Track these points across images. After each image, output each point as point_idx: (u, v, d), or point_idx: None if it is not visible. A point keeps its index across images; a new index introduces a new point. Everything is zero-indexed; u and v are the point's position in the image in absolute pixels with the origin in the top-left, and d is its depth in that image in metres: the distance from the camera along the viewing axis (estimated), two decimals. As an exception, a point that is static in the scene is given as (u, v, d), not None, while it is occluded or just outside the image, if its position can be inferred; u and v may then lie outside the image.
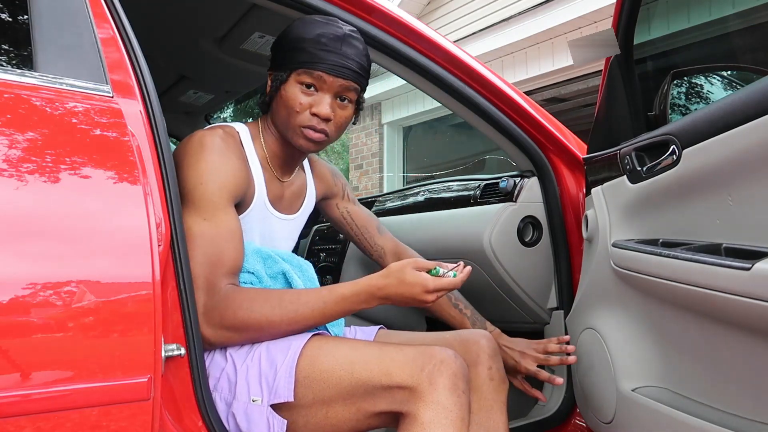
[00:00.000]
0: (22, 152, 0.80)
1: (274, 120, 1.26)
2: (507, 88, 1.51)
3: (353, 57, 1.21)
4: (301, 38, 1.19)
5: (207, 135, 1.17)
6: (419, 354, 1.05)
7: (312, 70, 1.18)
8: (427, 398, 1.01)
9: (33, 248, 0.76)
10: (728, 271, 0.80)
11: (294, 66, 1.19)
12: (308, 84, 1.19)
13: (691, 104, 1.38)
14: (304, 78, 1.19)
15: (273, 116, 1.26)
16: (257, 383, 1.07)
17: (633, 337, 1.16)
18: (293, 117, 1.21)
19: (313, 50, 1.18)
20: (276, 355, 1.09)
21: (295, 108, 1.20)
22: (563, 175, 1.56)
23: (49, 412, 0.75)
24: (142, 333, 0.79)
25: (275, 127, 1.27)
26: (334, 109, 1.21)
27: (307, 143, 1.22)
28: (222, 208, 1.12)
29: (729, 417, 0.91)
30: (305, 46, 1.19)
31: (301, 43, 1.19)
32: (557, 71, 5.33)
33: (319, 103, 1.19)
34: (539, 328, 1.65)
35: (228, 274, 1.10)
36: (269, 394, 1.06)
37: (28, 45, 0.90)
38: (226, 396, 1.09)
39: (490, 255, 1.56)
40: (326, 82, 1.19)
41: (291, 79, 1.20)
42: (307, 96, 1.20)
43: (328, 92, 1.20)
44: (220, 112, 2.99)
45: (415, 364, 1.03)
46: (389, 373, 1.04)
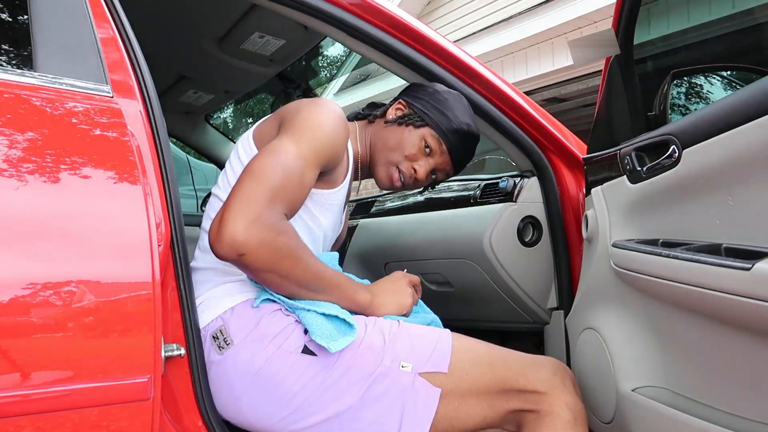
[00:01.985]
0: (22, 152, 0.80)
1: (377, 139, 1.33)
2: (507, 88, 1.51)
3: (468, 155, 1.38)
4: (453, 112, 1.32)
5: (334, 102, 1.21)
6: (549, 360, 1.17)
7: (443, 143, 1.31)
8: (561, 399, 1.09)
9: (33, 248, 0.76)
10: (728, 271, 0.80)
11: (433, 125, 1.31)
12: (429, 146, 1.31)
13: (691, 104, 1.38)
14: (431, 140, 1.31)
15: (378, 136, 1.33)
16: (409, 351, 1.08)
17: (633, 337, 1.16)
18: (398, 156, 1.30)
19: (456, 129, 1.31)
20: (423, 330, 1.13)
21: (405, 152, 1.30)
22: (563, 175, 1.56)
23: (49, 412, 0.75)
24: (142, 333, 0.79)
25: (371, 144, 1.34)
26: (426, 177, 1.33)
27: (386, 180, 1.32)
28: (317, 162, 1.10)
29: (729, 417, 0.91)
30: (453, 121, 1.31)
31: (450, 115, 1.31)
32: (557, 71, 5.33)
33: (423, 165, 1.31)
34: (539, 328, 1.65)
35: (290, 207, 1.04)
36: (422, 363, 1.07)
37: (28, 45, 0.90)
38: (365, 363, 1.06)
39: (490, 255, 1.56)
40: (441, 156, 1.33)
41: (422, 130, 1.31)
42: (421, 153, 1.31)
43: (434, 161, 1.32)
44: (220, 112, 2.99)
45: (547, 368, 1.13)
46: (526, 374, 1.10)
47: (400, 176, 1.31)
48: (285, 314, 1.09)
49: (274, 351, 1.04)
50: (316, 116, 1.12)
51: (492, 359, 1.11)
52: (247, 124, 4.13)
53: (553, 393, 1.10)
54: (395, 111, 1.35)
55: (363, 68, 6.28)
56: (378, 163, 1.32)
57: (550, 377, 1.11)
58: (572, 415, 1.09)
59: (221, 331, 1.06)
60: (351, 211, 2.39)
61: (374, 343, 1.07)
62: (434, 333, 1.13)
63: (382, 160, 1.31)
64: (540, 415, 1.09)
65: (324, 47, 2.58)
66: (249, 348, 1.05)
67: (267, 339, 1.05)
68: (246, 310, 1.08)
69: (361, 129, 1.36)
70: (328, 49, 2.81)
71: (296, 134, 1.08)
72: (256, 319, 1.07)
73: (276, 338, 1.05)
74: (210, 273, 1.15)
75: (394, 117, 1.33)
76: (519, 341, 1.89)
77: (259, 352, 1.04)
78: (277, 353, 1.04)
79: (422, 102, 1.33)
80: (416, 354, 1.07)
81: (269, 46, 1.99)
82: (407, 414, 1.03)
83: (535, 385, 1.10)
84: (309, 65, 2.47)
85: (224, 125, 3.33)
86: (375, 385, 1.04)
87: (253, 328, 1.06)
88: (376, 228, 2.07)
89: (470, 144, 1.35)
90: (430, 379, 1.06)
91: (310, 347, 1.05)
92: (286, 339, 1.05)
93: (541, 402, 1.09)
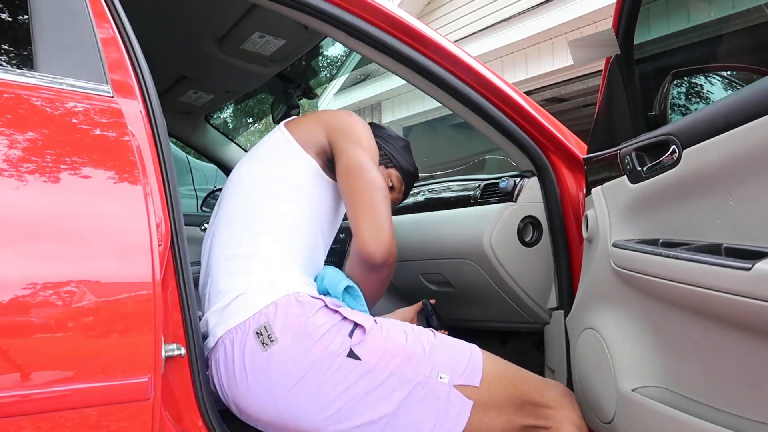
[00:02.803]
0: (22, 152, 0.80)
1: None
2: (507, 88, 1.51)
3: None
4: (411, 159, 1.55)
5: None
6: (557, 383, 1.28)
7: (403, 183, 1.52)
8: (569, 418, 1.19)
9: (33, 248, 0.76)
10: (728, 271, 0.80)
11: (400, 168, 1.50)
12: (393, 185, 1.49)
13: (691, 104, 1.38)
14: (396, 181, 1.49)
15: None
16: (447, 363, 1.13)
17: (633, 337, 1.16)
18: None
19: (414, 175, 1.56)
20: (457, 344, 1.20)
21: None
22: (563, 175, 1.56)
23: (49, 412, 0.75)
24: (142, 333, 0.79)
25: None
26: None
27: None
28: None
29: (729, 417, 0.91)
30: (412, 167, 1.55)
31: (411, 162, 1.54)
32: (557, 71, 5.33)
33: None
34: (539, 328, 1.65)
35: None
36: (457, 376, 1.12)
37: (28, 45, 0.90)
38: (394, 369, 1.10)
39: (490, 255, 1.56)
40: (398, 194, 1.52)
41: (389, 170, 1.49)
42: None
43: (392, 197, 1.47)
44: (220, 112, 2.99)
45: (557, 389, 1.24)
46: (542, 391, 1.20)
47: None
48: (331, 311, 1.11)
49: (321, 353, 1.06)
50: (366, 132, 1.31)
51: (514, 374, 1.19)
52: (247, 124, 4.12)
53: (563, 411, 1.19)
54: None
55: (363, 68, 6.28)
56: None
57: (560, 396, 1.22)
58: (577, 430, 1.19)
59: (266, 327, 1.07)
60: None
61: (415, 351, 1.11)
62: (466, 346, 1.20)
63: None
64: (549, 430, 1.17)
65: (324, 47, 2.58)
66: (296, 347, 1.06)
67: (313, 339, 1.06)
68: (290, 306, 1.09)
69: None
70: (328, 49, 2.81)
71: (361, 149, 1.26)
72: (303, 317, 1.08)
73: (323, 338, 1.07)
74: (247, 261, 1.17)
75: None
76: (519, 341, 1.89)
77: (306, 352, 1.06)
78: (324, 355, 1.06)
79: (390, 145, 1.49)
80: (453, 366, 1.12)
81: (269, 46, 1.99)
82: (440, 423, 1.08)
83: (548, 402, 1.19)
84: (309, 65, 2.47)
85: (224, 125, 3.33)
86: (414, 393, 1.07)
87: (299, 326, 1.07)
88: (376, 228, 2.06)
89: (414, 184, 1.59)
90: (463, 391, 1.11)
91: (355, 351, 1.07)
92: (333, 340, 1.07)
93: (552, 418, 1.18)
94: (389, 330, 1.13)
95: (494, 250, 1.56)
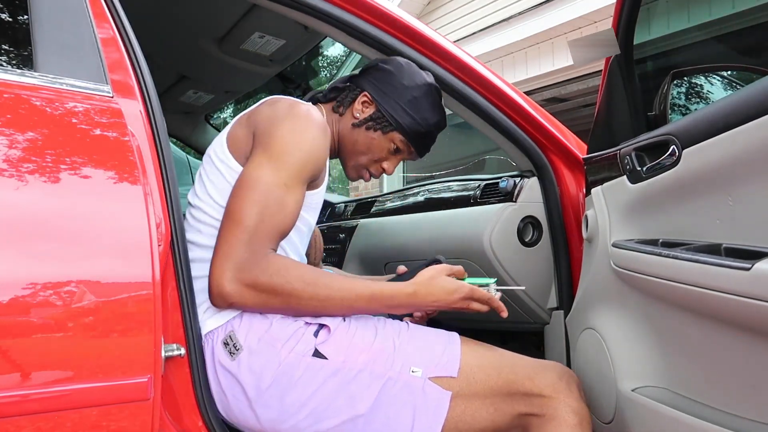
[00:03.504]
0: (22, 152, 0.80)
1: (347, 137, 1.30)
2: (507, 88, 1.51)
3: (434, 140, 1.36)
4: (421, 113, 1.29)
5: (312, 109, 1.16)
6: (555, 365, 1.18)
7: (412, 146, 1.32)
8: (566, 404, 1.10)
9: (33, 248, 0.76)
10: (728, 271, 0.80)
11: (402, 130, 1.28)
12: (398, 148, 1.31)
13: (691, 104, 1.38)
14: (400, 144, 1.30)
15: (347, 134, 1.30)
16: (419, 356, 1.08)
17: (633, 337, 1.16)
18: (367, 159, 1.31)
19: (424, 132, 1.30)
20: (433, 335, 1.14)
21: (374, 157, 1.31)
22: (563, 175, 1.56)
23: (49, 412, 0.75)
24: (142, 333, 0.79)
25: (339, 138, 1.31)
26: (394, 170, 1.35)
27: (355, 177, 1.35)
28: (301, 182, 1.10)
29: (729, 417, 0.91)
30: (421, 124, 1.29)
31: (419, 118, 1.28)
32: (557, 71, 5.33)
33: (392, 165, 1.33)
34: (539, 328, 1.65)
35: (275, 238, 1.06)
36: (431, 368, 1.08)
37: (28, 45, 0.90)
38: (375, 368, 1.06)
39: (490, 255, 1.56)
40: (408, 153, 1.33)
41: (390, 135, 1.29)
42: (389, 154, 1.32)
43: (401, 157, 1.33)
44: (220, 112, 2.99)
45: (553, 372, 1.14)
46: (532, 378, 1.11)
47: (370, 176, 1.35)
48: (293, 319, 1.08)
49: (286, 355, 1.04)
50: (294, 136, 1.09)
51: (499, 363, 1.12)
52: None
53: (559, 397, 1.10)
54: (362, 109, 1.29)
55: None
56: (348, 164, 1.34)
57: (555, 381, 1.12)
58: (578, 419, 1.10)
59: (231, 337, 1.06)
60: (351, 211, 2.39)
61: (385, 347, 1.08)
62: (443, 336, 1.14)
63: (351, 162, 1.33)
64: (545, 419, 1.10)
65: (324, 47, 2.58)
66: (262, 353, 1.04)
67: (279, 342, 1.05)
68: (255, 315, 1.08)
69: (328, 114, 1.31)
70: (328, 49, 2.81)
71: (274, 160, 1.07)
72: (266, 324, 1.06)
73: (288, 341, 1.05)
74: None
75: (361, 118, 1.28)
76: (519, 341, 1.89)
77: (272, 356, 1.04)
78: (290, 357, 1.04)
79: (390, 102, 1.27)
80: (426, 358, 1.08)
81: (269, 46, 1.99)
82: (418, 418, 1.04)
83: (541, 389, 1.10)
84: (309, 65, 2.47)
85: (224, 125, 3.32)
86: (387, 390, 1.05)
87: (264, 332, 1.06)
88: (376, 228, 2.07)
89: (436, 135, 1.35)
90: (440, 383, 1.07)
91: (320, 350, 1.05)
92: (298, 342, 1.05)
93: (546, 406, 1.10)
94: (357, 327, 1.10)
95: (494, 250, 1.56)
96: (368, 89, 1.29)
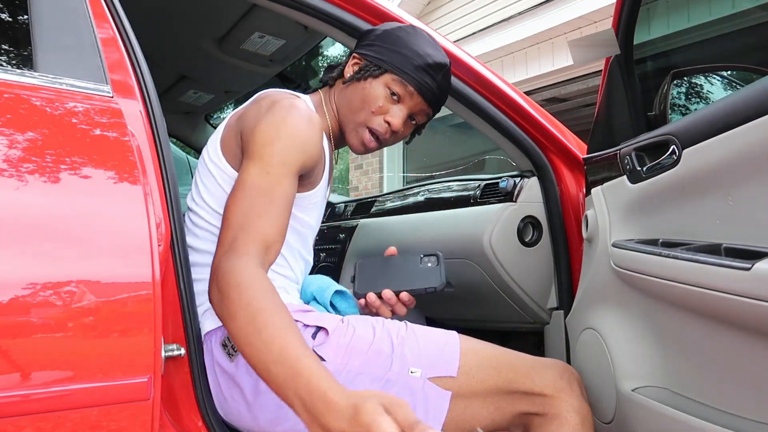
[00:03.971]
0: (22, 152, 0.80)
1: (341, 103, 1.23)
2: (507, 88, 1.51)
3: (444, 87, 1.25)
4: (409, 47, 1.20)
5: (297, 101, 1.11)
6: (556, 363, 1.16)
7: (407, 83, 1.20)
8: (568, 403, 1.09)
9: (33, 248, 0.76)
10: (728, 271, 0.80)
11: (391, 69, 1.20)
12: (395, 92, 1.20)
13: (691, 104, 1.38)
14: (395, 86, 1.20)
15: (341, 99, 1.24)
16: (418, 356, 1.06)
17: (633, 337, 1.16)
18: (365, 114, 1.20)
19: (417, 65, 1.20)
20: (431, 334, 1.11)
21: (372, 108, 1.20)
22: (563, 175, 1.56)
23: (49, 412, 0.74)
24: (142, 333, 0.79)
25: (338, 110, 1.24)
26: (404, 125, 1.24)
27: (358, 145, 1.23)
28: (287, 171, 1.02)
29: (729, 417, 0.91)
30: (412, 56, 1.20)
31: (407, 51, 1.20)
32: (557, 71, 5.33)
33: (396, 115, 1.21)
34: (539, 328, 1.65)
35: (258, 241, 0.94)
36: (430, 368, 1.05)
37: (28, 45, 0.90)
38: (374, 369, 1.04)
39: (490, 255, 1.56)
40: (412, 98, 1.21)
41: (382, 78, 1.20)
42: (389, 103, 1.21)
43: (407, 107, 1.22)
44: (220, 112, 3.00)
45: (554, 371, 1.12)
46: (532, 377, 1.10)
47: (372, 136, 1.22)
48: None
49: None
50: (272, 129, 1.03)
51: (498, 361, 1.10)
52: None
53: (560, 396, 1.09)
54: (352, 67, 1.24)
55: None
56: (347, 129, 1.23)
57: (556, 380, 1.11)
58: (579, 418, 1.09)
59: (229, 339, 1.05)
60: (351, 211, 2.39)
61: (383, 348, 1.07)
62: (442, 336, 1.12)
63: (350, 124, 1.22)
64: (547, 418, 1.09)
65: (324, 47, 2.58)
66: None
67: None
68: None
69: (326, 97, 1.27)
70: (328, 49, 2.81)
71: (257, 157, 1.01)
72: None
73: None
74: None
75: (351, 74, 1.23)
76: (519, 341, 1.89)
77: None
78: None
79: (375, 48, 1.22)
80: (425, 358, 1.07)
81: (269, 46, 1.99)
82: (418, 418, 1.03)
83: (542, 388, 1.09)
84: (309, 65, 2.47)
85: (224, 125, 3.32)
86: (386, 391, 1.03)
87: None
88: (376, 228, 2.07)
89: (439, 75, 1.22)
90: (439, 383, 1.06)
91: (318, 352, 1.04)
92: None
93: (548, 405, 1.09)
94: (356, 328, 1.08)
95: (494, 250, 1.56)
96: (356, 50, 1.26)
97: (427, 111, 1.25)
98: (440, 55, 1.23)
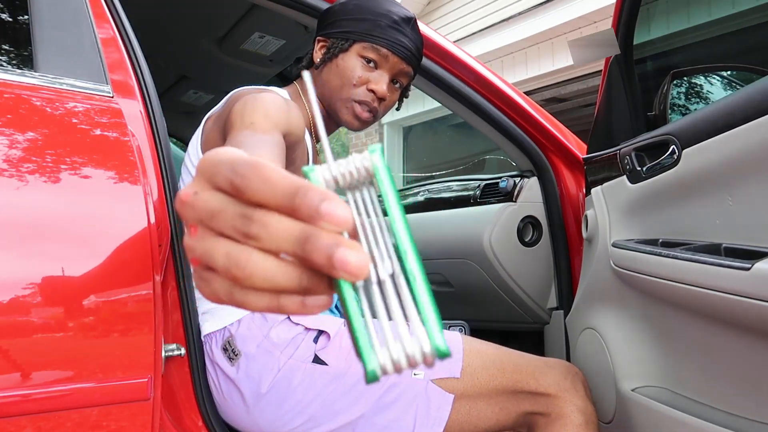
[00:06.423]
0: (22, 152, 0.80)
1: (322, 88, 1.20)
2: (507, 88, 1.51)
3: (416, 41, 1.19)
4: (370, 10, 1.15)
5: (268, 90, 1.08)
6: (560, 363, 1.16)
7: (379, 46, 1.15)
8: (572, 403, 1.09)
9: (33, 248, 0.76)
10: (728, 271, 0.80)
11: (359, 37, 1.15)
12: (370, 59, 1.16)
13: (691, 104, 1.38)
14: (368, 53, 1.15)
15: (320, 85, 1.20)
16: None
17: (633, 337, 1.16)
18: (348, 89, 1.16)
19: (383, 25, 1.14)
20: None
21: (353, 81, 1.16)
22: (563, 175, 1.56)
23: (49, 412, 0.75)
24: (142, 333, 0.79)
25: (320, 97, 1.21)
26: (389, 89, 1.19)
27: (353, 120, 1.19)
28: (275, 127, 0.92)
29: (729, 417, 0.91)
30: (376, 19, 1.15)
31: (370, 15, 1.15)
32: (557, 71, 5.33)
33: (378, 81, 1.17)
34: (539, 328, 1.65)
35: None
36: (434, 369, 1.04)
37: (28, 45, 0.90)
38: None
39: (490, 255, 1.56)
40: (389, 61, 1.16)
41: (352, 50, 1.16)
42: (367, 71, 1.16)
43: (387, 71, 1.18)
44: (220, 112, 3.00)
45: (557, 371, 1.12)
46: (536, 377, 1.10)
47: (365, 105, 1.17)
48: (293, 323, 1.08)
49: (285, 361, 1.04)
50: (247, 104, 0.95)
51: (502, 362, 1.10)
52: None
53: (564, 396, 1.09)
54: (319, 51, 1.21)
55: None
56: (337, 109, 1.19)
57: (561, 380, 1.11)
58: (583, 418, 1.09)
59: (229, 343, 1.05)
60: (351, 211, 2.39)
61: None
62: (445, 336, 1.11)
63: (337, 103, 1.18)
64: (551, 418, 1.09)
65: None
66: (260, 359, 1.04)
67: (278, 349, 1.04)
68: (253, 321, 1.07)
69: (302, 88, 1.24)
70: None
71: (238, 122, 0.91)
72: (265, 330, 1.06)
73: (287, 348, 1.05)
74: None
75: (321, 57, 1.19)
76: (519, 341, 1.89)
77: (271, 362, 1.04)
78: (289, 363, 1.04)
79: (336, 23, 1.18)
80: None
81: (269, 46, 1.99)
82: (420, 420, 1.03)
83: (546, 388, 1.09)
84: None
85: (224, 125, 3.32)
86: (388, 394, 1.04)
87: (262, 338, 1.05)
88: (376, 228, 2.06)
89: (407, 28, 1.18)
90: (442, 385, 1.05)
91: (320, 356, 1.04)
92: (297, 348, 1.05)
93: (552, 405, 1.09)
94: None
95: (494, 250, 1.56)
96: (318, 34, 1.22)
97: (406, 70, 1.20)
98: (403, 10, 1.19)
